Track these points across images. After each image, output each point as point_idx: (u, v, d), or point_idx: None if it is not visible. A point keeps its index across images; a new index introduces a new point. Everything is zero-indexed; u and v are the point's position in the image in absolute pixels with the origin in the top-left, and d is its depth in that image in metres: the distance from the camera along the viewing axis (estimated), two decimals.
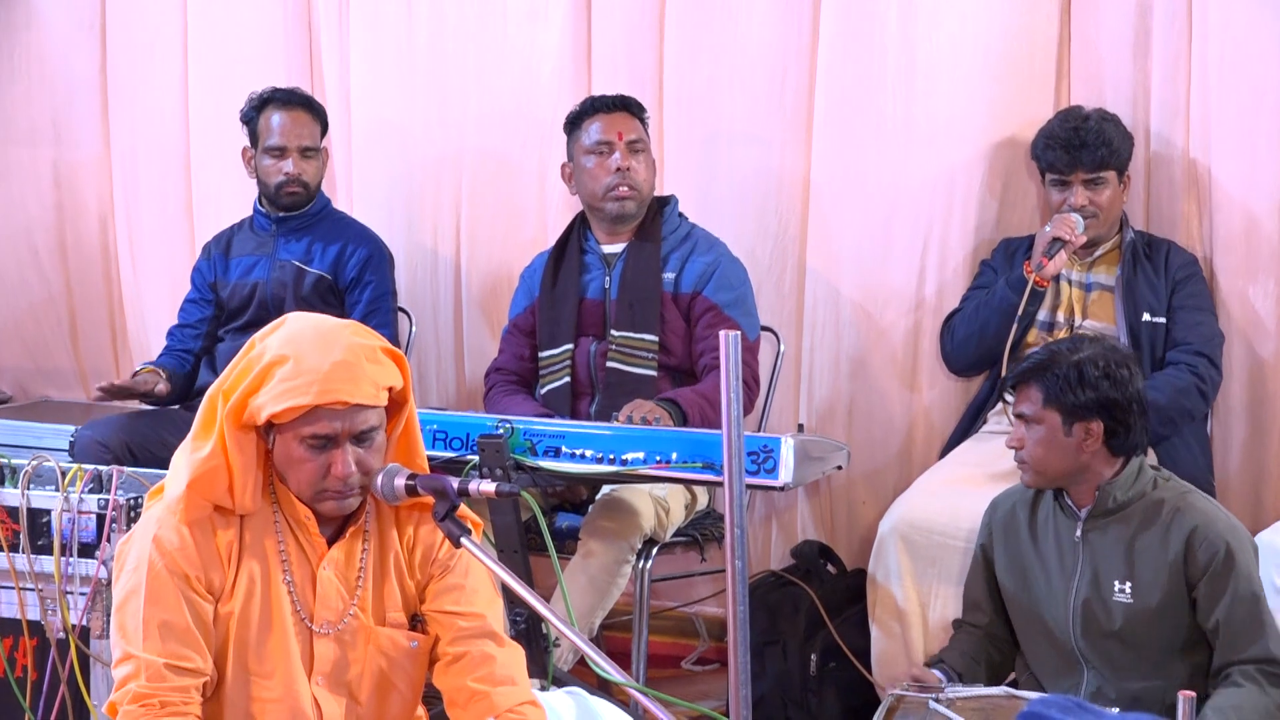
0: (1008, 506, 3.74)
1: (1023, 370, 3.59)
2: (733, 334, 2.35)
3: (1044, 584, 3.62)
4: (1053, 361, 3.54)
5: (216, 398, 2.67)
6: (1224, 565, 3.44)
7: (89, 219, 5.77)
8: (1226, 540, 3.45)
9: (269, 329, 2.71)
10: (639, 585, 4.18)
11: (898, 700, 3.37)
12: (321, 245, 4.87)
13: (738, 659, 2.31)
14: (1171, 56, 4.52)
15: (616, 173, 4.41)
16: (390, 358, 2.70)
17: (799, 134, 4.89)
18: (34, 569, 3.59)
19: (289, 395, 2.60)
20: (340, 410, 2.61)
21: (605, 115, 4.47)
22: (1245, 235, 4.48)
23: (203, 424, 2.69)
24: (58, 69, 5.71)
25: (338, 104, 5.31)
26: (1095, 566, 3.55)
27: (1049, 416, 3.52)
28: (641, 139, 4.48)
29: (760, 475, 3.61)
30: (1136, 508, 3.54)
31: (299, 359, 2.61)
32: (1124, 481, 3.54)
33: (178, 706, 2.61)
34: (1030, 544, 3.67)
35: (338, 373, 2.60)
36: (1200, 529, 3.46)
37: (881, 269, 4.85)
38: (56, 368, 5.88)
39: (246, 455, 2.66)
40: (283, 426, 2.64)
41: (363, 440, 2.66)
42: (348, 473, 2.64)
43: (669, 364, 4.40)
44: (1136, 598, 3.50)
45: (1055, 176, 4.39)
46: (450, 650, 2.77)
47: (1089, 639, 3.55)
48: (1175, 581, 3.48)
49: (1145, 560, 3.50)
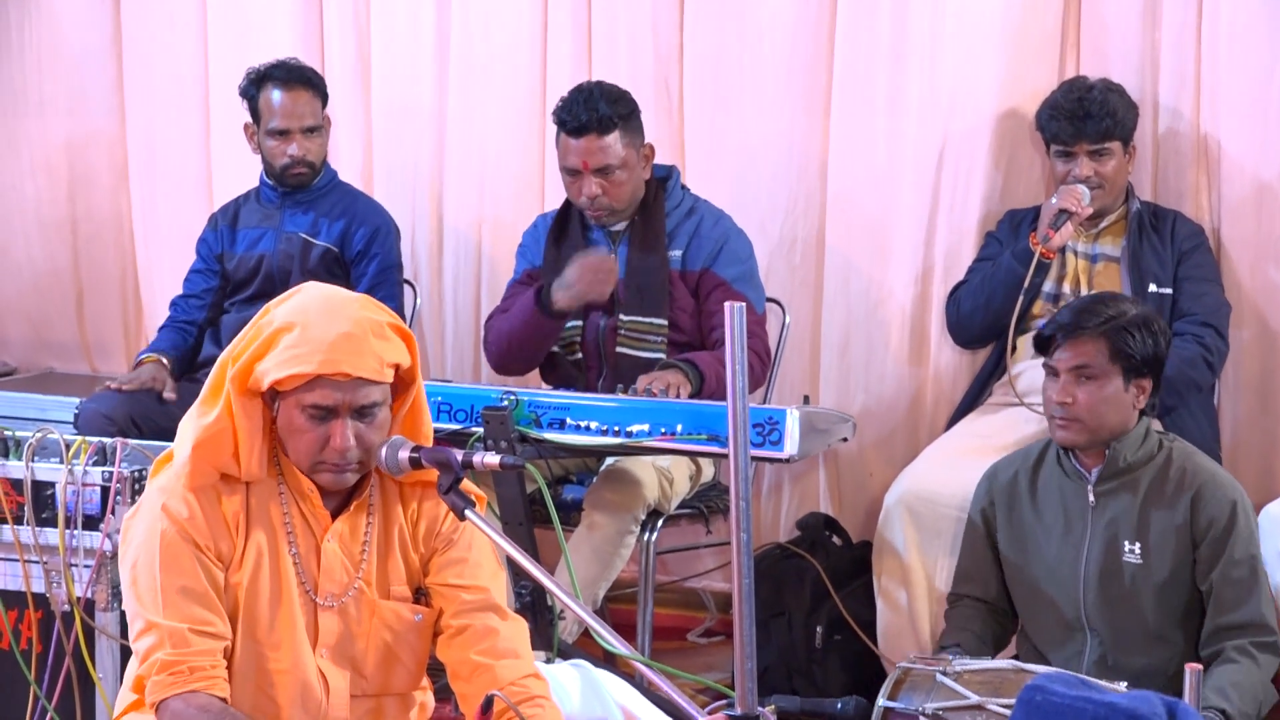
0: (1009, 473, 3.73)
1: (1078, 322, 3.51)
2: (737, 305, 2.34)
3: (1049, 549, 3.62)
4: (1119, 315, 3.49)
5: (226, 363, 2.67)
6: (1225, 526, 3.47)
7: (100, 191, 5.76)
8: (1232, 500, 3.49)
9: (282, 297, 2.71)
10: (644, 558, 4.18)
11: (905, 673, 3.36)
12: (328, 218, 4.86)
13: (743, 631, 2.30)
14: (1180, 26, 4.50)
15: (585, 198, 4.36)
16: (399, 335, 2.69)
17: (813, 106, 4.87)
18: (38, 541, 3.59)
19: (292, 363, 2.59)
20: (342, 382, 2.61)
21: (574, 141, 4.33)
22: (1256, 206, 4.47)
23: (211, 390, 2.69)
24: (70, 40, 5.70)
25: (357, 81, 5.32)
26: (1108, 529, 3.55)
27: (1113, 370, 3.48)
28: (610, 163, 4.31)
29: (765, 447, 3.62)
30: (1145, 469, 3.55)
31: (305, 327, 2.61)
32: (1133, 441, 3.54)
33: (207, 671, 2.60)
34: (1032, 510, 3.67)
35: (342, 344, 2.60)
36: (1206, 488, 3.49)
37: (889, 241, 4.84)
38: (61, 340, 5.88)
39: (252, 421, 2.66)
40: (285, 394, 2.64)
41: (364, 415, 2.65)
42: (345, 446, 2.63)
43: (679, 341, 4.38)
44: (1145, 558, 3.52)
45: (1060, 147, 4.37)
46: (453, 623, 2.76)
47: (1098, 603, 3.56)
48: (1182, 542, 3.50)
49: (1154, 522, 3.52)
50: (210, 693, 2.59)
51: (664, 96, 4.92)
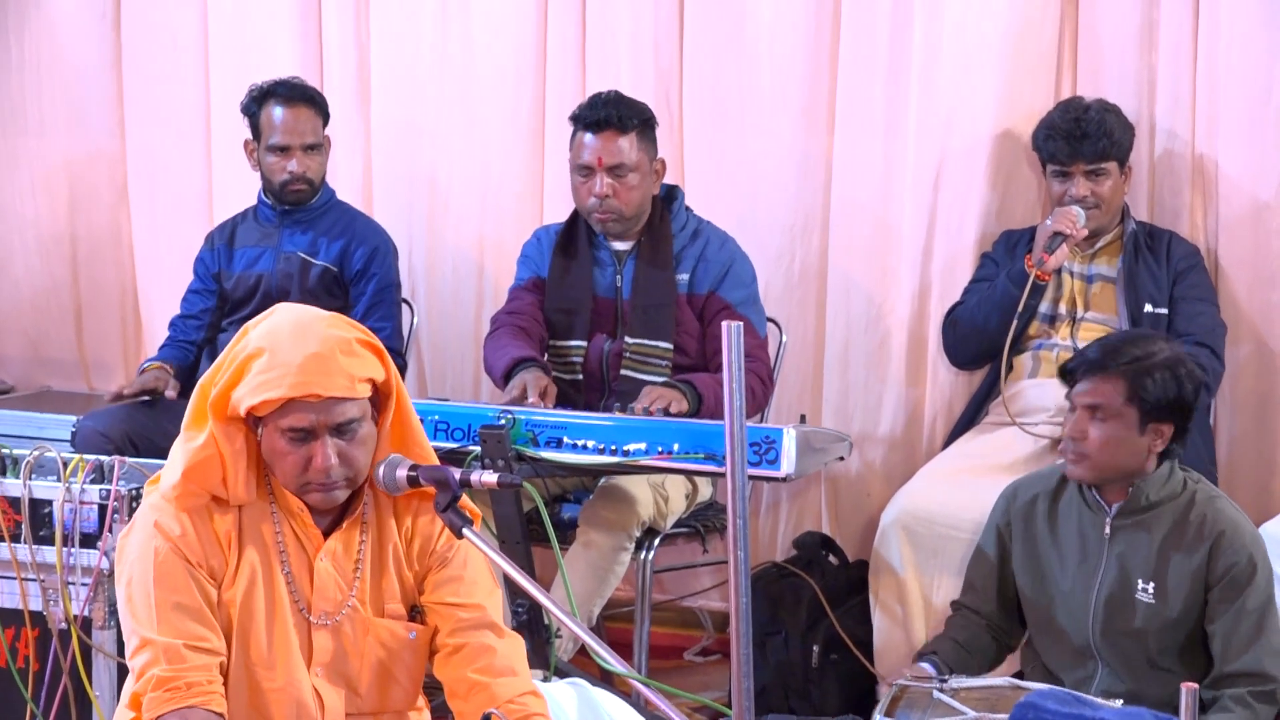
0: (1029, 495, 3.67)
1: (1100, 361, 3.44)
2: (735, 324, 2.33)
3: (1063, 576, 3.58)
4: (1145, 356, 3.42)
5: (205, 389, 2.68)
6: (1242, 575, 3.42)
7: (100, 209, 5.76)
8: (1250, 552, 3.43)
9: (258, 319, 2.72)
10: (641, 576, 4.19)
11: (901, 690, 3.36)
12: (327, 238, 4.86)
13: (740, 650, 2.30)
14: (1177, 46, 4.51)
15: (596, 198, 4.36)
16: (369, 349, 2.69)
17: (813, 124, 4.88)
18: (36, 559, 3.59)
19: (264, 388, 2.60)
20: (314, 403, 2.61)
21: (591, 135, 4.36)
22: (1252, 226, 4.48)
23: (194, 414, 2.70)
24: (69, 57, 5.71)
25: (357, 99, 5.33)
26: (1121, 564, 3.50)
27: (1128, 413, 3.41)
28: (625, 162, 4.34)
29: (762, 466, 3.62)
30: (1167, 509, 3.49)
31: (274, 352, 2.61)
32: (1157, 480, 3.48)
33: (203, 687, 2.60)
34: (1049, 535, 3.62)
35: (310, 365, 2.60)
36: (1227, 535, 3.43)
37: (887, 260, 4.85)
38: (59, 358, 5.87)
39: (236, 446, 2.67)
40: (265, 419, 2.65)
41: (343, 433, 2.65)
42: (328, 464, 2.63)
43: (683, 365, 4.37)
44: (1159, 599, 3.47)
45: (1056, 167, 4.38)
46: (450, 641, 2.76)
47: (1107, 636, 3.52)
48: (1196, 586, 3.45)
49: (1171, 563, 3.47)
50: (207, 708, 2.59)
51: (664, 113, 4.93)
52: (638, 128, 4.37)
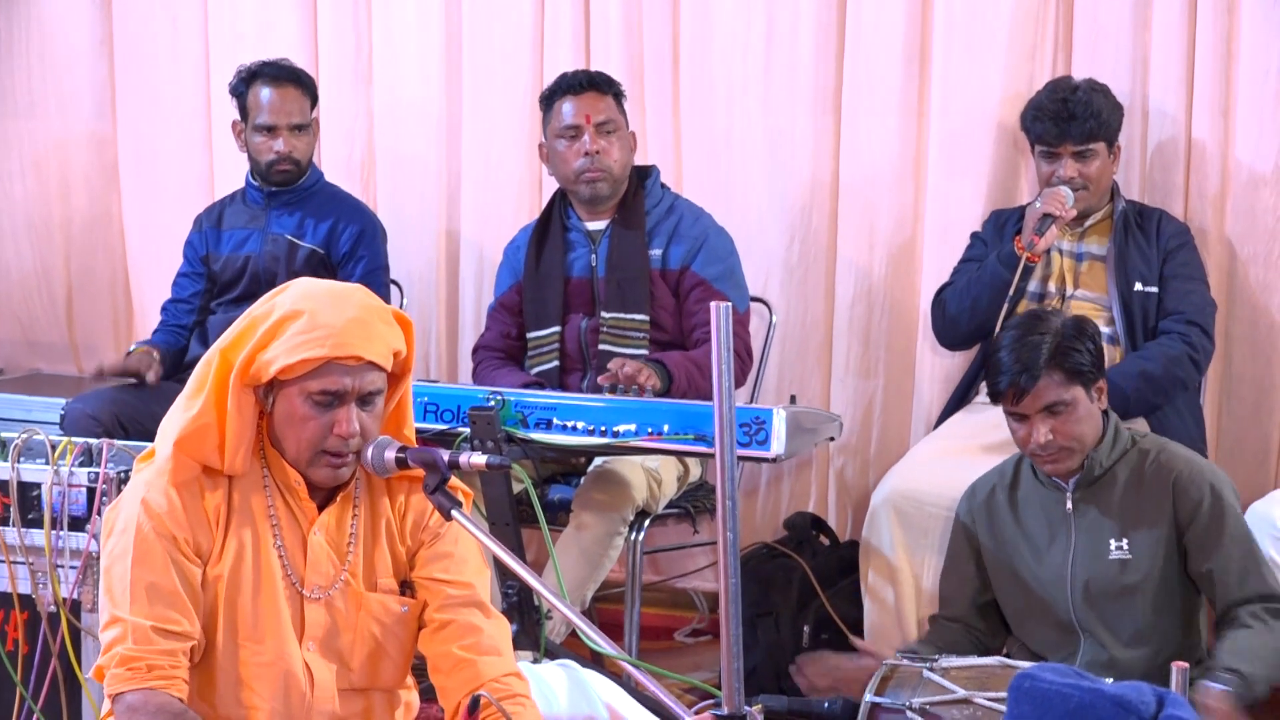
0: (986, 490, 3.78)
1: (1027, 368, 3.52)
2: (724, 305, 2.34)
3: (1036, 558, 3.66)
4: (1053, 335, 3.54)
5: (213, 358, 2.67)
6: (1213, 509, 3.52)
7: (91, 192, 5.75)
8: (1210, 483, 3.55)
9: (276, 291, 2.72)
10: (631, 557, 4.19)
11: (891, 670, 3.38)
12: (314, 219, 4.86)
13: (729, 631, 2.30)
14: (1171, 27, 4.50)
15: (586, 156, 4.37)
16: (400, 323, 2.72)
17: (820, 107, 4.88)
18: (24, 542, 3.58)
19: (304, 347, 2.60)
20: (352, 366, 2.62)
21: (574, 97, 4.40)
22: (1248, 205, 4.48)
23: (197, 384, 2.69)
24: (60, 40, 5.70)
25: (355, 81, 5.33)
26: (1090, 533, 3.60)
27: (1076, 392, 3.54)
28: (612, 119, 4.40)
29: (752, 447, 3.62)
30: (1120, 467, 3.60)
31: (314, 314, 2.62)
32: (1105, 447, 3.60)
33: (165, 670, 2.61)
34: (1014, 523, 3.71)
35: (353, 328, 2.62)
36: (1183, 475, 3.55)
37: (884, 240, 4.85)
38: (49, 341, 5.87)
39: (244, 414, 2.66)
40: (288, 383, 2.64)
41: (366, 403, 2.66)
42: (352, 431, 2.64)
43: (661, 340, 4.38)
44: (1133, 551, 3.56)
45: (1044, 148, 4.37)
46: (437, 617, 2.77)
47: (1089, 604, 3.59)
48: (1168, 532, 3.55)
49: (1136, 515, 3.57)
50: (169, 692, 2.60)
51: (663, 95, 4.91)
52: (614, 94, 4.44)
